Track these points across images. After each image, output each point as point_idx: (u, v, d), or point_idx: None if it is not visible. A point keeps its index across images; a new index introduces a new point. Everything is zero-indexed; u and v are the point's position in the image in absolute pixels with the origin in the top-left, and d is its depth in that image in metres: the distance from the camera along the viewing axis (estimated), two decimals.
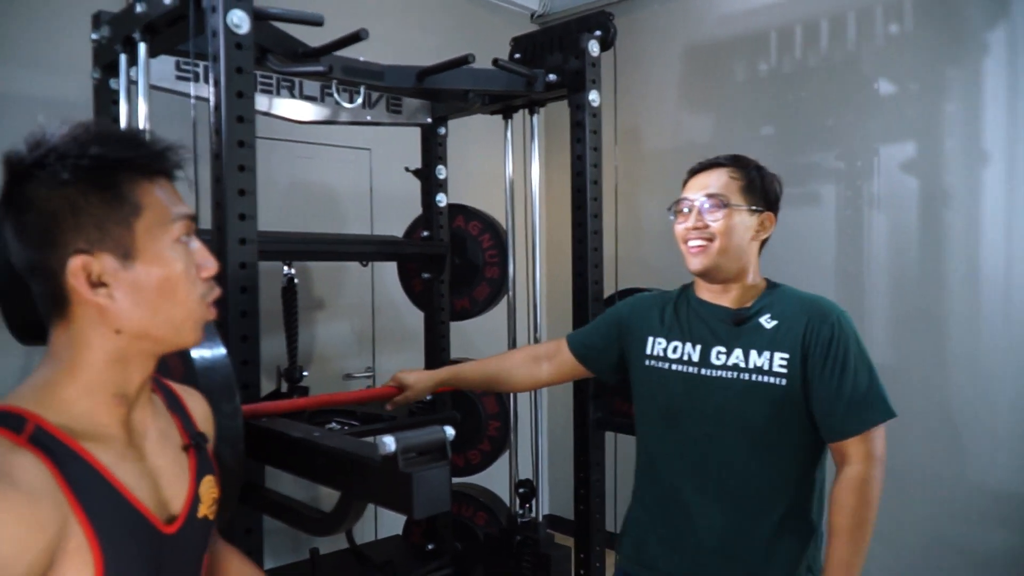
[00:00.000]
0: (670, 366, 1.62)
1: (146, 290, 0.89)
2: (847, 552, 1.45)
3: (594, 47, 2.34)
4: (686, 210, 1.60)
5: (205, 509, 1.00)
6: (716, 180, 1.58)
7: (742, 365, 1.53)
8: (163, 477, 0.94)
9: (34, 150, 0.86)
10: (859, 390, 1.46)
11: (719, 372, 1.55)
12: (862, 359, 1.49)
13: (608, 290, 2.36)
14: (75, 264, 0.85)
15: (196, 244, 0.95)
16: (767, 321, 1.54)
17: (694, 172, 1.64)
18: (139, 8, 1.71)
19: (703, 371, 1.57)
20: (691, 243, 1.58)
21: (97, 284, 0.86)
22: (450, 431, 1.23)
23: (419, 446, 1.21)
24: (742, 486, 1.53)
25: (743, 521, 1.52)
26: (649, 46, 3.95)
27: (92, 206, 0.85)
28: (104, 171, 0.86)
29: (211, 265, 0.96)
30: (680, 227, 1.61)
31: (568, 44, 2.39)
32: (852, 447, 1.47)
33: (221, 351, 1.52)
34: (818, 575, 1.52)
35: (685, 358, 1.60)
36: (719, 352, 1.56)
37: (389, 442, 1.18)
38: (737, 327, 1.56)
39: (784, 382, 1.49)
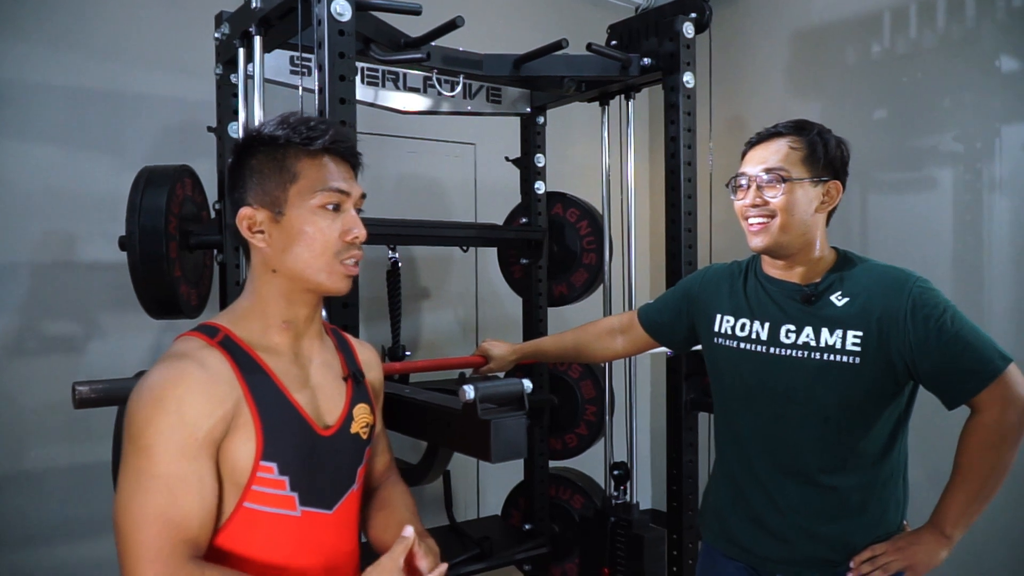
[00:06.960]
0: (738, 344, 1.59)
1: (289, 239, 1.13)
2: (966, 498, 1.40)
3: (688, 29, 2.35)
4: (744, 185, 1.54)
5: (357, 428, 1.23)
6: (775, 152, 1.50)
7: (813, 344, 1.48)
8: (321, 393, 1.19)
9: (248, 134, 1.17)
10: (969, 349, 1.36)
11: (789, 351, 1.50)
12: (956, 319, 1.39)
13: None
14: (241, 214, 1.14)
15: (351, 214, 1.17)
16: (838, 299, 1.47)
17: (752, 144, 1.56)
18: (254, 4, 1.86)
19: (772, 350, 1.53)
20: (751, 220, 1.52)
21: (256, 231, 1.13)
22: (528, 384, 1.30)
23: (497, 396, 1.28)
24: (816, 464, 1.48)
25: (818, 498, 1.48)
26: (754, 32, 3.89)
27: (265, 172, 1.13)
28: (276, 147, 1.14)
29: (356, 231, 1.16)
30: (739, 204, 1.55)
31: (663, 28, 2.41)
32: (984, 398, 1.37)
33: None
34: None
35: (753, 336, 1.56)
36: (788, 330, 1.51)
37: (469, 391, 1.26)
38: (806, 305, 1.51)
39: (858, 360, 1.43)
